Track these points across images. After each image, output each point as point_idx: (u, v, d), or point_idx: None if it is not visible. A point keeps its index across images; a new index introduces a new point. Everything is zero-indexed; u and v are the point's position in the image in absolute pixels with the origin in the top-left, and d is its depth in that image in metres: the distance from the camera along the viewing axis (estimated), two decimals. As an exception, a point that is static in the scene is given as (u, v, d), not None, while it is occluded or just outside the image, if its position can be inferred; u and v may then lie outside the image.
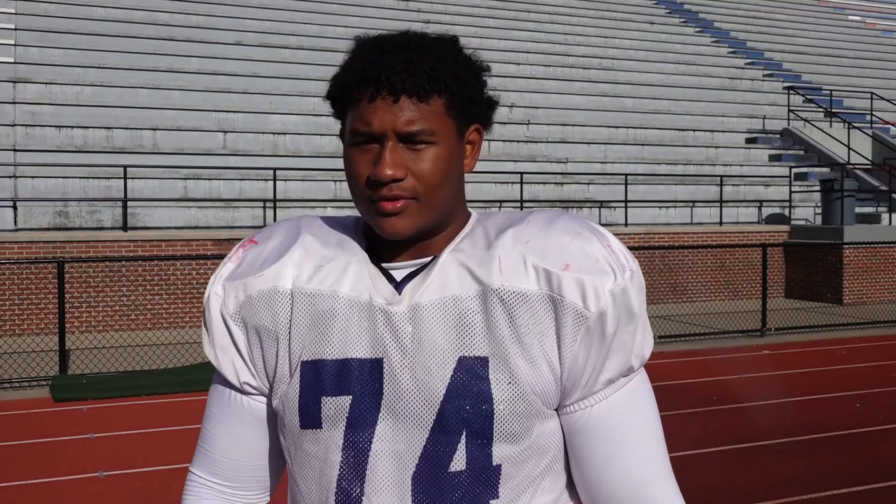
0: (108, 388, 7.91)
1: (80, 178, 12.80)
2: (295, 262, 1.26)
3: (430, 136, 1.17)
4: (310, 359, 1.23)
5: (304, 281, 1.25)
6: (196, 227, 12.87)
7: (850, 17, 31.38)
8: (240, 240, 8.09)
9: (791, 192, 17.08)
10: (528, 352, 1.18)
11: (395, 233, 1.19)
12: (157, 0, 18.52)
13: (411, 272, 1.24)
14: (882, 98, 21.62)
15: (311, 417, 1.22)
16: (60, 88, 14.71)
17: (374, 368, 1.20)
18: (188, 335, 10.97)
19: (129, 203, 12.47)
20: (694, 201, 16.61)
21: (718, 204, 16.44)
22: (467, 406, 1.17)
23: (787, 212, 17.12)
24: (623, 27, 24.20)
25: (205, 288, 12.10)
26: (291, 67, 17.38)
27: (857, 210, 16.47)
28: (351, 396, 1.20)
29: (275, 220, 13.01)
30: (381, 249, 1.26)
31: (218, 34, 17.88)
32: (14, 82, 14.47)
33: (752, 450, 6.04)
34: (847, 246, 14.46)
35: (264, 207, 13.36)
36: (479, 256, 1.21)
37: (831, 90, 21.63)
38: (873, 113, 20.86)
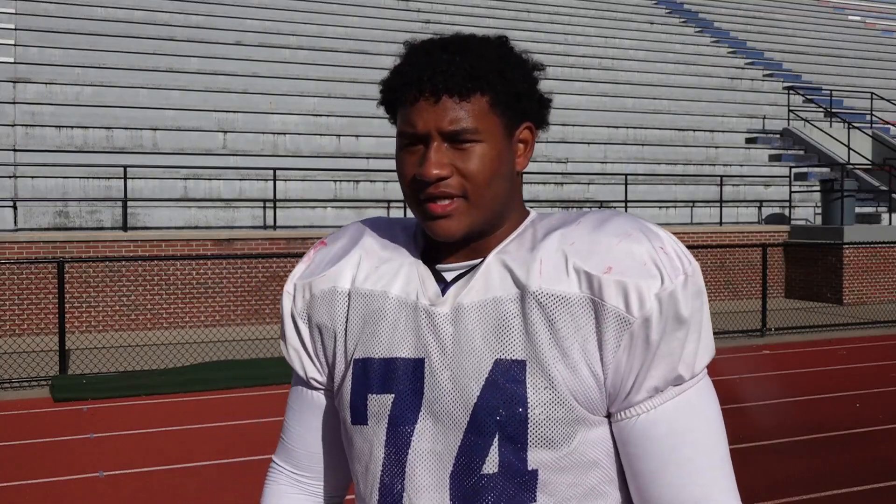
0: (108, 388, 7.91)
1: (80, 178, 12.80)
2: (354, 263, 1.30)
3: (474, 134, 1.18)
4: (360, 357, 1.27)
5: (360, 281, 1.29)
6: (196, 227, 12.87)
7: (850, 17, 31.38)
8: (241, 240, 8.15)
9: (791, 192, 17.09)
10: (567, 356, 1.15)
11: (446, 234, 1.20)
12: (157, 0, 18.51)
13: (461, 273, 1.25)
14: (882, 98, 21.62)
15: (359, 414, 1.26)
16: (60, 88, 14.71)
17: (416, 368, 1.22)
18: (188, 335, 10.97)
19: (129, 203, 12.47)
20: (694, 201, 16.61)
21: (718, 204, 16.44)
22: (501, 409, 1.16)
23: (787, 212, 17.12)
24: (623, 27, 24.20)
25: (205, 288, 12.15)
26: (291, 67, 17.38)
27: (857, 210, 16.47)
28: (394, 395, 1.23)
29: (275, 220, 13.02)
30: (436, 251, 1.28)
31: (218, 34, 17.88)
32: (14, 82, 14.47)
33: (752, 450, 6.04)
34: (847, 246, 14.46)
35: (264, 207, 13.36)
36: (522, 258, 1.21)
37: (831, 90, 21.63)
38: (873, 113, 20.86)
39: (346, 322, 1.29)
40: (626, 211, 15.46)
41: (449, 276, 1.25)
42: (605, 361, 1.16)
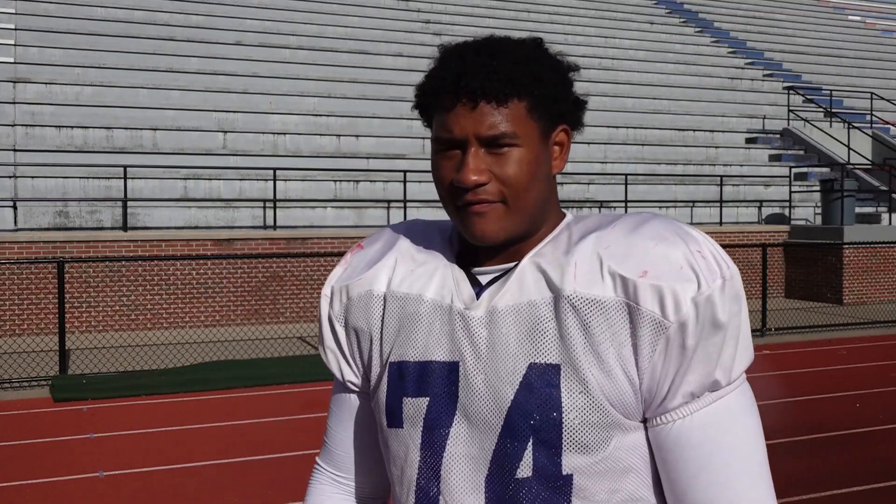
0: (108, 388, 7.91)
1: (80, 178, 12.81)
2: (390, 266, 1.31)
3: (512, 139, 1.17)
4: (396, 360, 1.27)
5: (396, 284, 1.29)
6: (196, 227, 12.87)
7: (850, 17, 31.38)
8: (240, 240, 8.16)
9: (791, 192, 17.09)
10: (602, 361, 1.14)
11: (484, 238, 1.19)
12: (157, 0, 18.51)
13: (496, 277, 1.24)
14: (882, 98, 21.63)
15: (394, 417, 1.26)
16: (60, 88, 14.71)
17: (451, 371, 1.22)
18: (188, 335, 10.97)
19: (129, 203, 12.47)
20: (694, 201, 16.61)
21: (718, 204, 16.44)
22: (535, 413, 1.16)
23: (787, 212, 17.12)
24: (623, 27, 24.20)
25: (205, 288, 12.15)
26: (291, 67, 17.38)
27: (857, 210, 16.47)
28: (429, 398, 1.23)
29: (274, 220, 13.02)
30: (472, 254, 1.27)
31: (218, 34, 17.88)
32: (14, 82, 14.47)
33: (752, 450, 6.02)
34: (847, 246, 14.46)
35: (264, 207, 13.37)
36: (557, 261, 1.20)
37: (831, 90, 21.63)
38: (873, 113, 20.86)
39: (382, 325, 1.29)
40: (625, 211, 15.47)
41: (484, 280, 1.24)
42: (641, 366, 1.14)
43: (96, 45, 16.23)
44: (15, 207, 12.23)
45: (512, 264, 1.24)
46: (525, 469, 1.16)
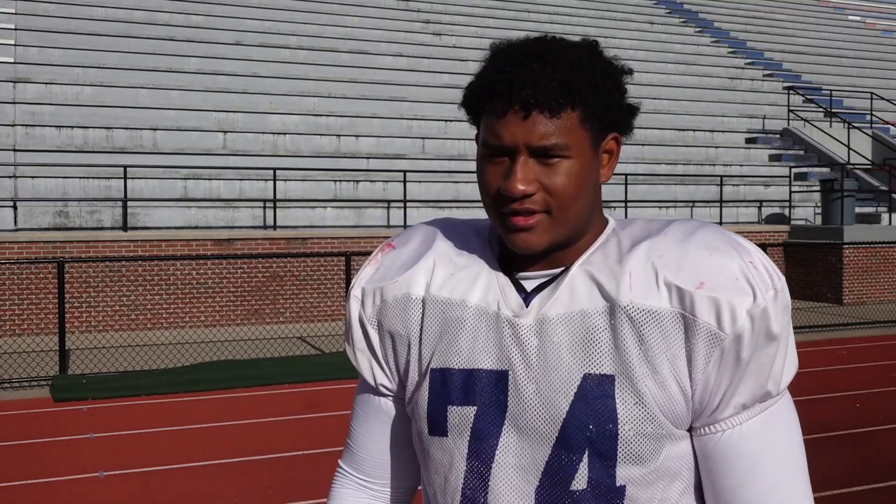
0: (108, 388, 7.91)
1: (80, 178, 12.80)
2: (428, 268, 1.26)
3: (563, 151, 1.14)
4: (438, 367, 1.23)
5: (436, 288, 1.25)
6: (196, 227, 12.87)
7: (850, 17, 31.38)
8: (241, 240, 8.15)
9: (791, 192, 17.09)
10: (656, 372, 1.13)
11: (527, 248, 1.17)
12: (157, 0, 18.51)
13: (542, 283, 1.22)
14: (882, 98, 21.63)
15: (437, 425, 1.23)
16: (60, 88, 14.71)
17: (499, 380, 1.19)
18: (188, 335, 10.97)
19: (129, 203, 12.47)
20: (694, 201, 16.61)
21: (718, 204, 16.44)
22: (591, 425, 1.14)
23: (787, 212, 17.12)
24: (623, 27, 24.20)
25: (204, 288, 12.14)
26: (291, 67, 17.38)
27: (857, 210, 16.47)
28: (476, 407, 1.20)
29: (274, 220, 13.02)
30: (513, 258, 1.24)
31: (218, 34, 17.88)
32: (14, 82, 14.47)
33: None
34: (847, 246, 14.46)
35: (264, 207, 13.36)
36: (610, 270, 1.18)
37: (831, 90, 21.63)
38: (873, 113, 20.86)
39: (422, 330, 1.25)
40: (626, 211, 15.48)
41: (529, 286, 1.22)
42: (694, 377, 1.14)
43: (96, 45, 16.23)
44: (15, 207, 12.23)
45: (558, 270, 1.22)
46: (580, 481, 1.15)
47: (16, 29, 16.01)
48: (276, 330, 11.72)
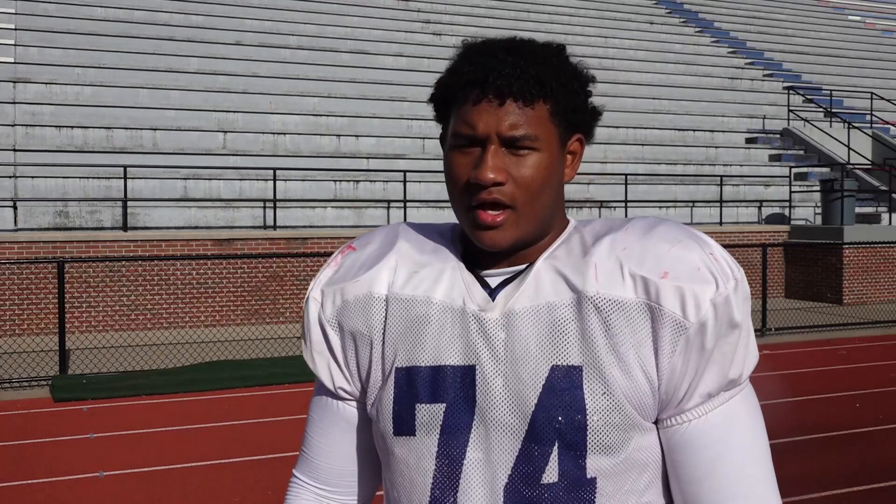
0: (108, 388, 7.91)
1: (80, 178, 12.80)
2: (390, 267, 1.26)
3: (533, 142, 1.16)
4: (404, 365, 1.22)
5: (398, 287, 1.24)
6: (196, 227, 12.87)
7: (850, 17, 31.38)
8: (241, 240, 8.14)
9: (791, 192, 17.09)
10: (623, 362, 1.15)
11: (494, 245, 1.18)
12: (157, 0, 18.52)
13: (506, 279, 1.22)
14: (882, 98, 21.63)
15: (404, 424, 1.21)
16: (60, 88, 14.71)
17: (466, 375, 1.19)
18: (188, 335, 10.97)
19: (129, 203, 12.47)
20: (694, 201, 16.61)
21: (718, 204, 16.44)
22: (560, 416, 1.15)
23: (787, 212, 17.12)
24: (623, 27, 24.20)
25: (204, 288, 12.12)
26: (291, 67, 17.38)
27: (857, 210, 16.48)
28: (445, 404, 1.19)
29: (274, 220, 13.02)
30: (476, 256, 1.25)
31: (218, 34, 17.88)
32: (14, 82, 14.47)
33: (752, 450, 6.03)
34: (847, 246, 14.46)
35: (264, 207, 13.37)
36: (575, 263, 1.19)
37: (831, 90, 21.63)
38: (873, 113, 20.86)
39: (385, 329, 1.24)
40: (626, 211, 15.48)
41: (493, 282, 1.22)
42: (661, 367, 1.15)
43: (96, 45, 16.23)
44: (15, 207, 12.23)
45: (522, 266, 1.22)
46: (551, 474, 1.15)
47: (16, 29, 16.01)
48: (276, 330, 11.72)
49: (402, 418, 1.21)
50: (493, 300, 1.20)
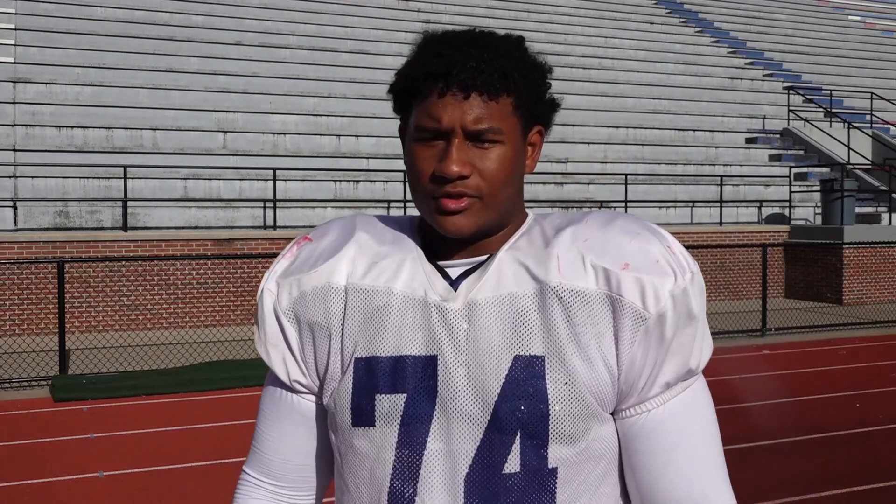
0: (108, 388, 7.91)
1: (80, 178, 12.80)
2: (349, 258, 1.25)
3: (497, 135, 1.16)
4: (363, 356, 1.21)
5: (358, 277, 1.23)
6: (196, 227, 12.87)
7: (850, 17, 31.38)
8: (241, 240, 8.12)
9: (791, 192, 17.09)
10: (585, 352, 1.16)
11: (457, 231, 1.18)
12: (157, 0, 18.52)
13: (467, 270, 1.22)
14: (882, 98, 21.62)
15: (363, 415, 1.20)
16: (60, 88, 14.71)
17: (428, 366, 1.19)
18: (188, 335, 10.97)
19: (129, 203, 12.47)
20: (694, 201, 16.61)
21: (718, 204, 16.44)
22: (522, 406, 1.15)
23: (787, 212, 17.12)
24: (623, 27, 24.20)
25: (204, 288, 12.11)
26: (291, 67, 17.38)
27: (857, 210, 16.48)
28: (405, 394, 1.19)
29: (275, 220, 13.02)
30: (436, 247, 1.24)
31: (218, 34, 17.88)
32: (14, 82, 14.48)
33: (752, 450, 6.04)
34: (847, 246, 14.46)
35: (264, 207, 13.37)
36: (537, 254, 1.20)
37: (831, 90, 21.63)
38: (873, 113, 20.86)
39: (344, 320, 1.23)
40: (626, 211, 15.46)
41: (453, 273, 1.22)
42: (621, 357, 1.16)
43: (96, 45, 16.23)
44: (15, 207, 12.23)
45: (482, 257, 1.22)
46: (513, 464, 1.15)
47: (16, 29, 16.01)
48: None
49: (361, 409, 1.20)
50: (454, 291, 1.20)
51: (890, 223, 16.69)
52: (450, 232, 1.18)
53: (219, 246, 11.96)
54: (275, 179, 13.04)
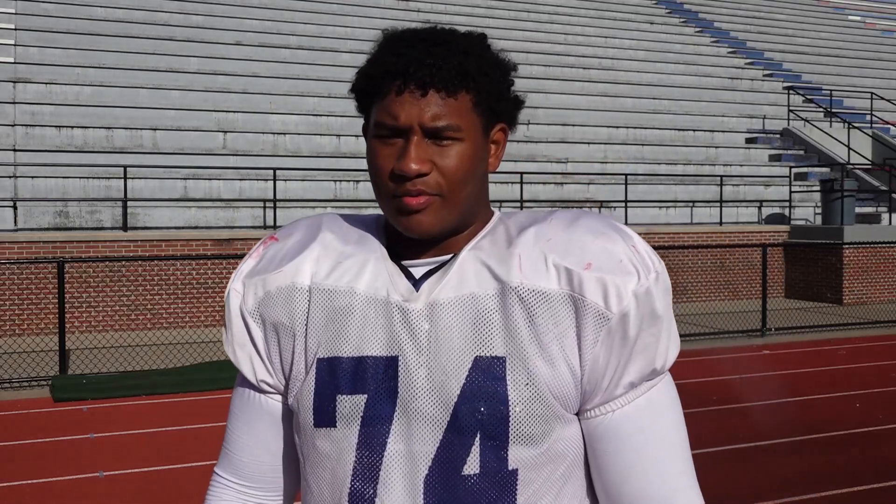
0: (108, 388, 7.91)
1: (80, 178, 12.81)
2: (313, 258, 1.24)
3: (456, 132, 1.16)
4: (325, 356, 1.21)
5: (321, 277, 1.23)
6: (196, 227, 12.87)
7: (850, 17, 31.38)
8: (241, 240, 8.13)
9: (791, 192, 17.09)
10: (546, 352, 1.15)
11: (420, 231, 1.17)
12: (157, 0, 18.52)
13: (430, 270, 1.21)
14: (882, 98, 21.63)
15: (325, 416, 1.20)
16: (60, 88, 14.71)
17: (389, 367, 1.18)
18: (188, 335, 10.97)
19: (129, 203, 12.47)
20: (694, 201, 16.61)
21: (718, 204, 16.44)
22: (482, 407, 1.14)
23: (787, 212, 17.12)
24: (623, 27, 24.20)
25: (204, 288, 12.11)
26: (291, 67, 17.38)
27: (857, 210, 16.48)
28: (366, 395, 1.18)
29: (274, 220, 13.02)
30: (401, 247, 1.24)
31: (218, 34, 17.88)
32: (14, 82, 14.48)
33: (752, 450, 6.04)
34: (847, 246, 14.46)
35: (264, 207, 13.37)
36: (500, 254, 1.19)
37: (831, 90, 21.63)
38: (873, 113, 20.86)
39: (307, 320, 1.22)
40: (626, 211, 15.48)
41: (417, 273, 1.21)
42: (583, 357, 1.15)
43: (96, 45, 16.23)
44: (15, 207, 12.23)
45: (447, 257, 1.22)
46: (472, 466, 1.14)
47: (16, 29, 16.01)
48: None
49: (323, 410, 1.20)
50: (417, 291, 1.20)
51: (890, 223, 16.69)
52: (412, 231, 1.17)
53: (219, 246, 11.96)
54: (275, 179, 13.04)
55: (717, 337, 11.20)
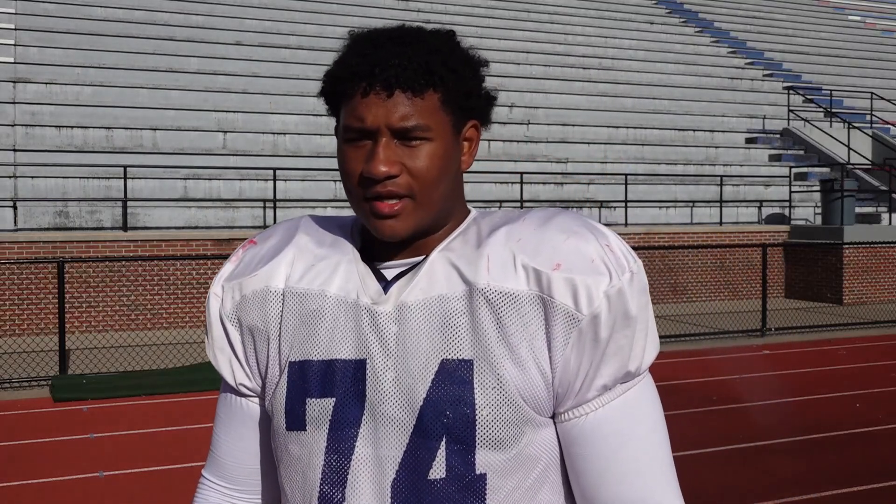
0: (108, 388, 7.91)
1: (80, 178, 12.81)
2: (288, 261, 1.24)
3: (425, 132, 1.14)
4: (297, 359, 1.21)
5: (294, 281, 1.22)
6: (196, 227, 12.87)
7: (850, 17, 31.38)
8: (240, 240, 8.16)
9: (791, 192, 17.09)
10: (515, 355, 1.13)
11: (393, 235, 1.16)
12: (157, 0, 18.52)
13: (402, 271, 1.20)
14: (882, 98, 21.62)
15: (296, 419, 1.19)
16: (60, 88, 14.71)
17: (357, 370, 1.17)
18: (188, 335, 10.97)
19: (129, 203, 12.47)
20: (694, 201, 16.61)
21: (718, 204, 16.44)
22: (448, 411, 1.12)
23: (787, 212, 17.12)
24: (623, 27, 24.20)
25: (205, 288, 12.11)
26: (291, 67, 17.38)
27: (857, 210, 16.47)
28: (334, 398, 1.17)
29: (274, 220, 13.01)
30: (375, 249, 1.23)
31: (218, 34, 17.88)
32: (14, 82, 14.47)
33: (752, 450, 6.04)
34: (847, 246, 14.46)
35: (264, 207, 13.36)
36: (469, 255, 1.17)
37: (831, 90, 21.63)
38: (873, 113, 20.86)
39: (281, 323, 1.22)
40: (625, 211, 15.48)
41: (390, 275, 1.21)
42: (554, 359, 1.13)
43: (96, 45, 16.23)
44: (15, 207, 12.23)
45: (419, 258, 1.21)
46: (438, 470, 1.13)
47: (16, 29, 16.01)
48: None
49: (294, 413, 1.20)
50: (386, 293, 1.19)
51: (890, 223, 16.69)
52: (386, 236, 1.16)
53: (219, 246, 11.96)
54: (275, 179, 13.04)
55: (717, 337, 11.20)
